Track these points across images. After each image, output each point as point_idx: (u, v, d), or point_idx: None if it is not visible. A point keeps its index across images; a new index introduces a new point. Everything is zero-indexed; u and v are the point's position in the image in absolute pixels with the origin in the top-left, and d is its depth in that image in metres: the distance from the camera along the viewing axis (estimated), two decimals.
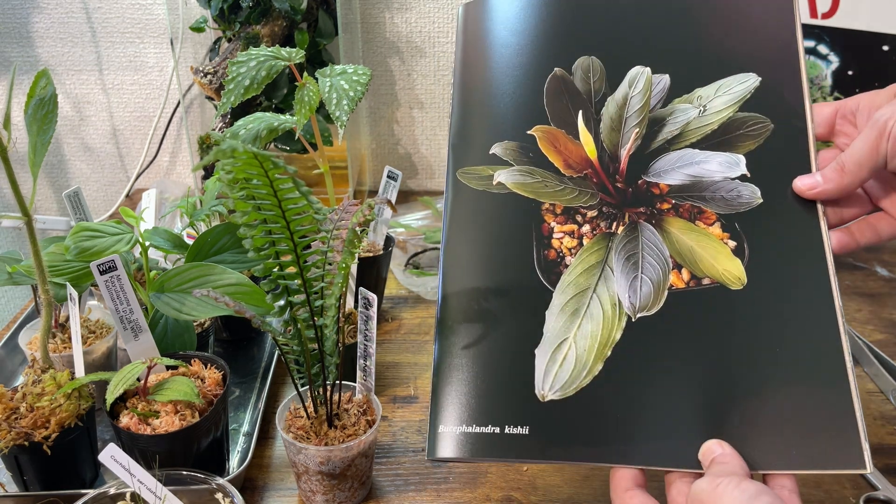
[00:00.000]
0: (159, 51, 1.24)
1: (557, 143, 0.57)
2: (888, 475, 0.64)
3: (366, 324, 0.62)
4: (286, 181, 0.49)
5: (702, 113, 0.57)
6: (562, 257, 0.53)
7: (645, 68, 0.59)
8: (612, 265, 0.53)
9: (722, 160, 0.55)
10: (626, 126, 0.57)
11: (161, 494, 0.52)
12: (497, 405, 0.48)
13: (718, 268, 0.52)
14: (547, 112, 0.58)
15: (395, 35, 1.22)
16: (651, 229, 0.54)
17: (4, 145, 0.55)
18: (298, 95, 0.73)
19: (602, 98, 0.58)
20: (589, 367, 0.49)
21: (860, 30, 1.07)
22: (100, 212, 1.33)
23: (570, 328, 0.50)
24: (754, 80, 0.57)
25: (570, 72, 0.59)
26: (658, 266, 0.52)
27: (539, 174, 0.56)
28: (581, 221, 0.55)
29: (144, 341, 0.63)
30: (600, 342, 0.50)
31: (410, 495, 0.64)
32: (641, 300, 0.51)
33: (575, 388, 0.48)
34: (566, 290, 0.52)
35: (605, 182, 0.56)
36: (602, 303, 0.51)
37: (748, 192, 0.54)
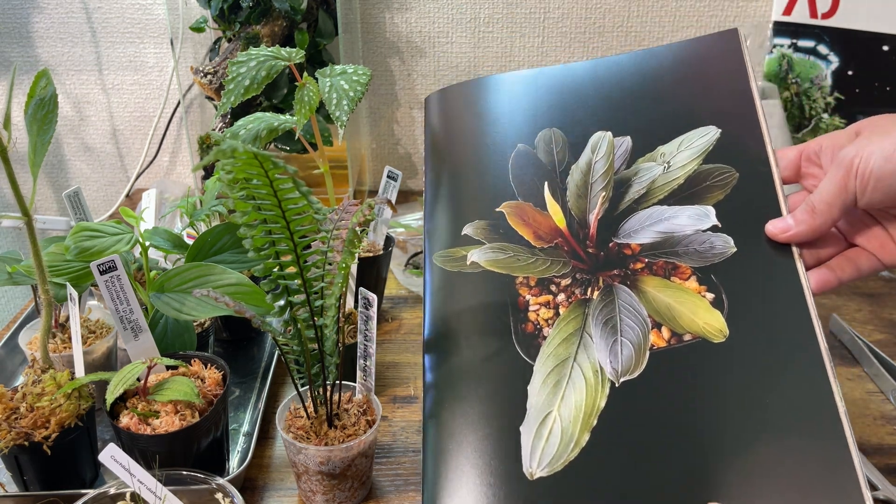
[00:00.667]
0: (159, 51, 1.24)
1: (526, 216, 0.58)
2: (888, 475, 0.64)
3: (366, 324, 0.62)
4: (286, 181, 0.49)
5: (666, 169, 0.57)
6: (539, 329, 0.53)
7: (606, 133, 0.60)
8: (591, 331, 0.52)
9: (691, 213, 0.55)
10: (592, 191, 0.58)
11: (161, 494, 0.52)
12: (489, 488, 0.47)
13: (699, 322, 0.51)
14: (514, 187, 0.59)
15: (395, 35, 1.22)
16: (627, 291, 0.53)
17: (4, 145, 0.55)
18: (298, 95, 0.73)
19: (566, 167, 0.59)
20: (575, 438, 0.47)
21: (860, 30, 1.07)
22: (100, 212, 1.33)
23: (553, 401, 0.49)
24: (714, 132, 0.57)
25: (533, 146, 0.61)
26: (637, 327, 0.51)
27: (511, 249, 0.57)
28: (556, 291, 0.54)
29: (144, 341, 0.63)
30: (585, 412, 0.48)
31: (410, 495, 0.64)
32: (623, 364, 0.50)
33: (562, 463, 0.47)
34: (546, 361, 0.51)
35: (576, 249, 0.56)
36: (584, 371, 0.50)
37: (721, 243, 0.53)
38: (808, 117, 1.14)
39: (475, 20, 1.21)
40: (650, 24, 1.20)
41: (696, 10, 1.19)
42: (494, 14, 1.20)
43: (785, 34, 1.13)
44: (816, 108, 1.13)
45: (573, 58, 1.22)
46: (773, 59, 1.14)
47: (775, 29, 1.13)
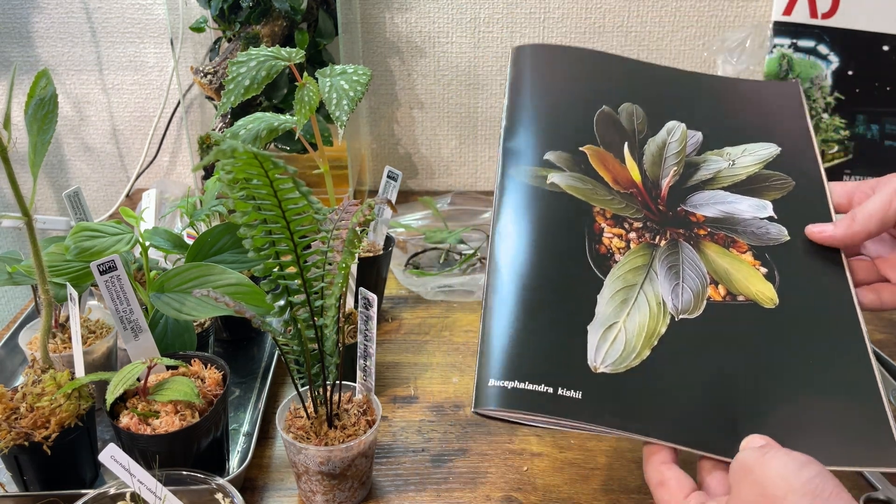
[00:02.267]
0: (159, 51, 1.24)
1: (606, 162, 0.62)
2: (888, 475, 0.64)
3: (366, 324, 0.62)
4: (286, 181, 0.49)
5: (731, 166, 0.63)
6: (611, 253, 0.56)
7: (681, 123, 0.65)
8: (657, 270, 0.56)
9: (751, 203, 0.60)
10: (665, 163, 0.63)
11: (161, 494, 0.52)
12: (551, 367, 0.50)
13: (752, 289, 0.56)
14: (597, 136, 0.63)
15: (395, 35, 1.22)
16: (690, 248, 0.58)
17: (4, 145, 0.55)
18: (298, 95, 0.73)
19: (644, 137, 0.64)
20: (637, 351, 0.52)
21: (860, 30, 1.07)
22: (100, 212, 1.33)
23: (619, 314, 0.53)
24: (775, 148, 0.64)
25: (617, 112, 0.65)
26: (697, 279, 0.56)
27: (590, 182, 0.60)
28: (628, 228, 0.58)
29: (144, 341, 0.63)
30: (647, 332, 0.52)
31: (410, 495, 0.64)
32: (683, 304, 0.54)
33: (625, 367, 0.51)
34: (616, 281, 0.55)
35: (648, 202, 0.60)
36: (648, 299, 0.54)
37: (776, 230, 0.59)
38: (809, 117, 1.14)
39: (475, 20, 1.21)
40: (650, 24, 1.20)
41: (696, 10, 1.18)
42: (494, 14, 1.20)
43: (785, 34, 1.13)
44: (816, 108, 1.13)
45: None
46: (773, 59, 1.14)
47: (775, 29, 1.13)
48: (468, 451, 0.69)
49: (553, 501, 0.63)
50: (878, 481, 0.63)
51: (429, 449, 0.69)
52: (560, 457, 0.68)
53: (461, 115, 1.28)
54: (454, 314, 0.92)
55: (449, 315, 0.92)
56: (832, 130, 1.13)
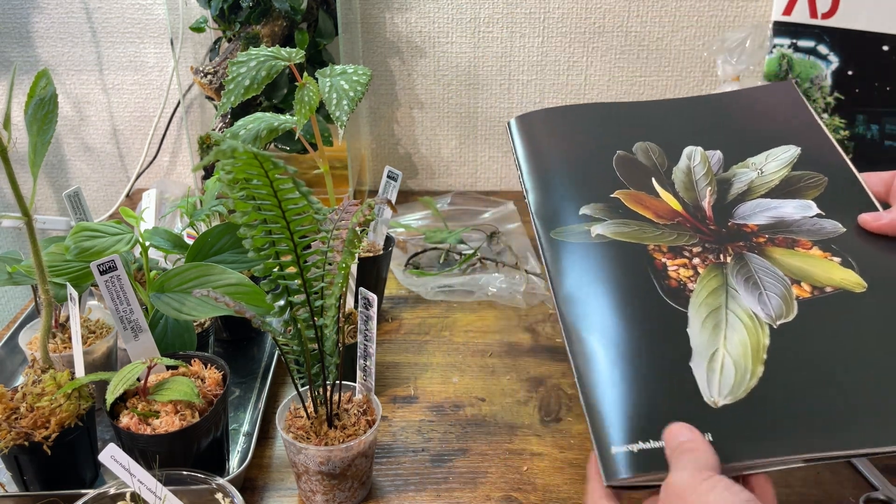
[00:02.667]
0: (159, 51, 1.24)
1: (642, 200, 0.60)
2: (888, 475, 0.64)
3: (366, 324, 0.62)
4: (286, 181, 0.49)
5: (761, 174, 0.62)
6: (683, 285, 0.54)
7: (697, 147, 0.65)
8: (734, 287, 0.54)
9: (795, 204, 0.59)
10: (698, 186, 0.61)
11: (161, 494, 0.52)
12: (671, 416, 0.47)
13: (836, 278, 0.54)
14: (623, 180, 0.62)
15: (395, 35, 1.22)
16: (757, 257, 0.56)
17: (4, 145, 0.55)
18: (298, 95, 0.73)
19: (668, 169, 0.63)
20: (750, 370, 0.49)
21: (860, 30, 1.07)
22: (100, 212, 1.33)
23: (716, 340, 0.51)
24: (795, 149, 0.63)
25: (632, 152, 0.64)
26: (778, 283, 0.54)
27: (634, 224, 0.59)
28: (689, 256, 0.56)
29: (144, 341, 0.63)
30: (752, 348, 0.50)
31: (410, 495, 0.64)
32: (775, 311, 0.52)
33: (745, 390, 0.48)
34: (699, 309, 0.53)
35: (697, 225, 0.59)
36: (739, 316, 0.52)
37: (830, 225, 0.57)
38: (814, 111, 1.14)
39: (475, 20, 1.21)
40: (650, 24, 1.20)
41: (696, 10, 1.19)
42: (494, 14, 1.20)
43: (785, 34, 1.13)
44: (816, 108, 1.13)
45: (573, 57, 1.22)
46: (773, 59, 1.14)
47: (775, 29, 1.13)
48: (468, 450, 0.69)
49: (553, 501, 0.63)
50: (877, 481, 0.63)
51: (429, 449, 0.69)
52: (560, 457, 0.68)
53: (461, 115, 1.28)
54: (454, 314, 0.92)
55: (449, 315, 0.92)
56: (832, 130, 1.13)
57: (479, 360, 0.83)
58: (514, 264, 1.01)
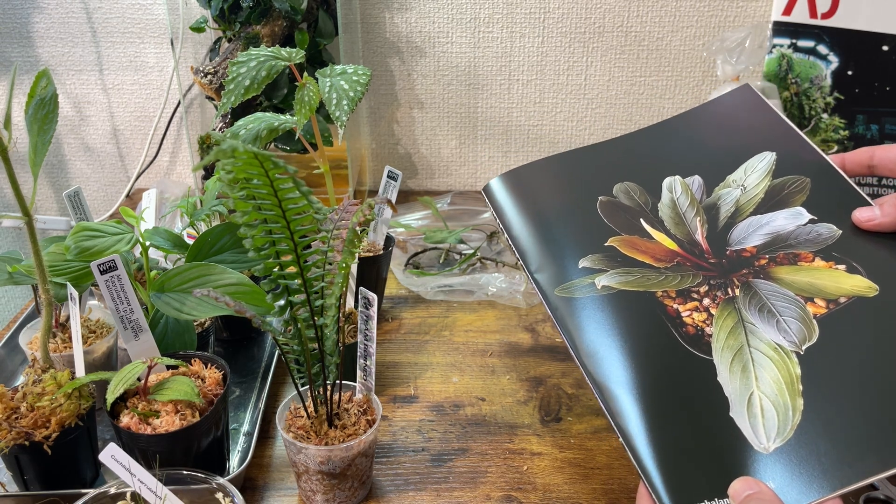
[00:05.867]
0: (159, 51, 1.24)
1: (637, 245, 0.60)
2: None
3: (366, 323, 0.63)
4: (286, 181, 0.49)
5: (744, 190, 0.61)
6: (700, 330, 0.53)
7: (675, 176, 0.64)
8: (751, 320, 0.53)
9: (786, 215, 0.59)
10: (687, 218, 0.61)
11: (161, 494, 0.52)
12: (731, 473, 0.46)
13: (846, 286, 0.53)
14: (612, 226, 0.61)
15: (395, 35, 1.22)
16: (764, 282, 0.55)
17: (5, 145, 0.55)
18: (298, 95, 0.73)
19: (653, 207, 0.62)
20: (791, 406, 0.48)
21: (860, 30, 1.07)
22: (100, 212, 1.33)
23: (749, 384, 0.50)
24: (771, 155, 0.62)
25: (613, 195, 0.64)
26: (792, 305, 0.53)
27: (637, 272, 0.58)
28: (699, 297, 0.56)
29: (145, 341, 0.63)
30: (786, 381, 0.49)
31: (410, 495, 0.64)
32: (797, 336, 0.51)
33: (791, 429, 0.47)
34: (723, 354, 0.52)
35: (698, 262, 0.58)
36: (763, 352, 0.51)
37: (826, 230, 0.57)
38: (808, 117, 1.14)
39: (475, 20, 1.21)
40: (650, 24, 1.20)
41: (696, 10, 1.19)
42: (494, 14, 1.20)
43: (785, 34, 1.13)
44: (816, 108, 1.13)
45: (573, 57, 1.23)
46: (772, 59, 1.14)
47: (775, 29, 1.13)
48: (468, 450, 0.69)
49: (553, 501, 0.63)
50: (877, 481, 0.63)
51: (429, 448, 0.69)
52: (560, 456, 0.68)
53: (461, 115, 1.28)
54: (454, 314, 0.92)
55: (449, 315, 0.92)
56: (832, 130, 1.13)
57: (479, 359, 0.83)
58: (514, 264, 1.01)
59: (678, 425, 0.49)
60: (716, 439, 0.48)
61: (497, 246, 1.08)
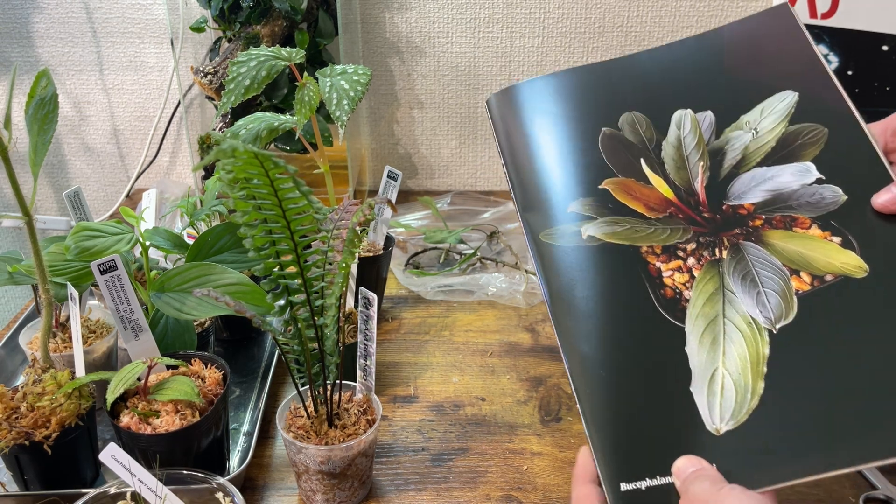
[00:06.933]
0: (159, 51, 1.25)
1: (632, 190, 0.58)
2: (888, 475, 0.64)
3: (366, 323, 0.63)
4: (286, 181, 0.49)
5: (755, 135, 0.58)
6: (679, 293, 0.52)
7: (686, 110, 0.60)
8: (731, 288, 0.52)
9: (793, 170, 0.56)
10: (689, 163, 0.58)
11: (161, 494, 0.52)
12: (676, 451, 0.46)
13: (836, 263, 0.51)
14: (610, 166, 0.59)
15: (395, 35, 1.22)
16: (754, 246, 0.53)
17: (5, 145, 0.55)
18: (298, 95, 0.73)
19: (657, 144, 0.59)
20: (751, 388, 0.47)
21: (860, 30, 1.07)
22: (100, 212, 1.33)
23: (715, 358, 0.49)
24: (792, 95, 0.58)
25: (618, 128, 0.60)
26: (776, 277, 0.52)
27: (626, 221, 0.56)
28: (684, 256, 0.54)
29: (145, 341, 0.63)
30: (752, 361, 0.48)
31: (410, 494, 0.64)
32: (774, 312, 0.50)
33: (746, 413, 0.46)
34: (696, 322, 0.51)
35: (691, 215, 0.56)
36: (737, 325, 0.50)
37: (830, 193, 0.54)
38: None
39: (475, 20, 1.21)
40: (650, 24, 1.20)
41: (696, 10, 1.19)
42: (494, 14, 1.20)
43: None
44: None
45: (573, 57, 1.22)
46: None
47: None
48: (468, 450, 0.69)
49: (553, 501, 0.63)
50: (877, 480, 0.63)
51: (429, 448, 0.69)
52: (560, 456, 0.68)
53: (461, 115, 1.28)
54: (454, 314, 0.92)
55: (449, 315, 0.92)
56: None
57: (479, 359, 0.83)
58: (514, 264, 1.01)
59: (635, 394, 0.48)
60: (670, 413, 0.47)
61: (497, 246, 1.08)
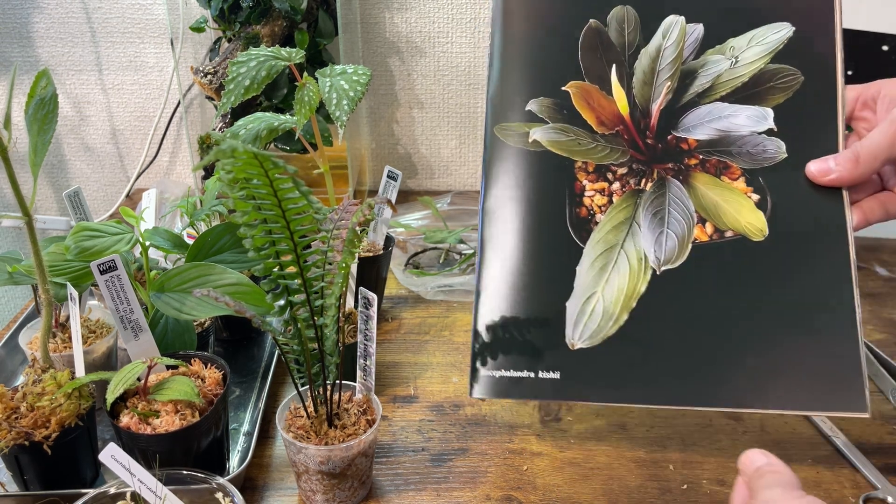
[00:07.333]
0: (159, 51, 1.25)
1: (591, 99, 0.60)
2: (888, 475, 0.64)
3: (366, 323, 0.63)
4: (286, 181, 0.49)
5: (733, 64, 0.58)
6: (592, 214, 0.56)
7: (679, 17, 0.60)
8: (640, 221, 0.55)
9: (750, 114, 0.57)
10: (658, 79, 0.59)
11: (161, 494, 0.52)
12: (532, 353, 0.53)
13: (742, 221, 0.54)
14: (582, 67, 0.61)
15: (395, 35, 1.22)
16: (678, 185, 0.56)
17: (5, 145, 0.55)
18: (298, 95, 0.73)
19: (636, 51, 0.60)
20: (615, 317, 0.52)
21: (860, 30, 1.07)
22: (100, 212, 1.33)
23: (598, 282, 0.54)
24: (788, 29, 0.58)
25: (605, 23, 0.61)
26: (683, 221, 0.55)
27: (573, 132, 0.59)
28: (612, 179, 0.57)
29: (145, 341, 0.63)
30: (626, 294, 0.53)
31: (410, 495, 0.64)
32: (666, 254, 0.54)
33: (602, 337, 0.52)
34: (596, 246, 0.55)
35: (635, 138, 0.58)
36: (629, 257, 0.54)
37: (773, 147, 0.56)
38: None
39: (475, 20, 1.21)
40: None
41: None
42: None
43: None
44: None
45: None
46: None
47: None
48: (468, 450, 0.69)
49: (553, 501, 0.63)
50: (877, 480, 0.63)
51: (429, 448, 0.69)
52: (560, 456, 0.68)
53: (461, 115, 1.28)
54: (454, 314, 0.92)
55: (449, 315, 0.92)
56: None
57: None
58: None
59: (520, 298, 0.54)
60: (542, 321, 0.53)
61: None
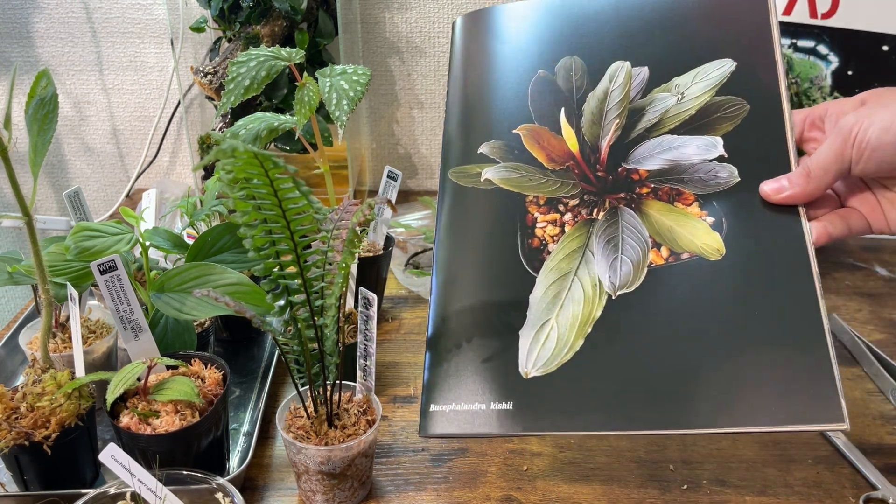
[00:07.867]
0: (159, 51, 1.24)
1: (541, 139, 0.61)
2: (888, 475, 0.64)
3: (366, 323, 0.63)
4: (286, 181, 0.49)
5: (680, 100, 0.59)
6: (544, 244, 0.56)
7: (625, 62, 0.62)
8: (593, 249, 0.55)
9: (700, 143, 0.58)
10: (606, 119, 0.60)
11: (161, 494, 0.52)
12: (484, 384, 0.52)
13: (697, 242, 0.54)
14: (531, 112, 0.62)
15: (395, 35, 1.22)
16: (631, 213, 0.56)
17: (5, 145, 0.55)
18: (298, 95, 0.73)
19: (583, 94, 0.62)
20: (570, 343, 0.52)
21: (860, 30, 1.07)
22: (100, 212, 1.33)
23: (552, 310, 0.53)
24: (730, 65, 0.59)
25: (553, 72, 0.63)
26: (638, 246, 0.55)
27: (524, 169, 0.60)
28: (563, 210, 0.57)
29: (145, 341, 0.63)
30: (581, 320, 0.52)
31: (410, 495, 0.64)
32: (621, 279, 0.54)
33: (557, 364, 0.51)
34: (549, 274, 0.55)
35: (586, 172, 0.59)
36: (583, 284, 0.54)
37: (726, 172, 0.56)
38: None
39: None
40: None
41: None
42: None
43: (785, 34, 1.13)
44: None
45: None
46: None
47: None
48: (468, 450, 0.69)
49: (553, 501, 0.63)
50: (877, 481, 0.63)
51: (429, 449, 0.69)
52: (560, 456, 0.68)
53: None
54: None
55: None
56: None
57: None
58: None
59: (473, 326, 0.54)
60: (494, 350, 0.53)
61: None
